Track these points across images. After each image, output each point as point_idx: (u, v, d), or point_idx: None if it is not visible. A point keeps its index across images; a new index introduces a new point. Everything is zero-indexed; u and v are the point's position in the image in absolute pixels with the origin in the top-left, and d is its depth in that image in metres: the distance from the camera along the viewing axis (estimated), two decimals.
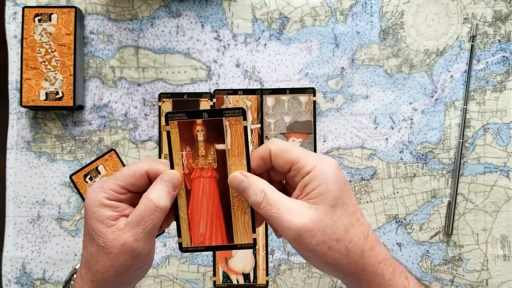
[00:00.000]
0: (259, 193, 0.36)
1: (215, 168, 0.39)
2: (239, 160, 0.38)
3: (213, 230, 0.40)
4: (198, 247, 0.39)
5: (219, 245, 0.39)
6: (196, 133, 0.38)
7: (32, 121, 0.62)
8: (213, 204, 0.39)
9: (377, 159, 0.61)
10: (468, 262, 0.60)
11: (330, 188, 0.35)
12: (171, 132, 0.38)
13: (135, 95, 0.62)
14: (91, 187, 0.38)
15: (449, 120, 0.61)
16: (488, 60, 0.61)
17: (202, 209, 0.39)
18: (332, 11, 0.62)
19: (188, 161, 0.39)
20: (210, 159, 0.39)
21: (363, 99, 0.62)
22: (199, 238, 0.39)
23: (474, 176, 0.61)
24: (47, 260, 0.61)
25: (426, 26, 0.62)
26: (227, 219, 0.39)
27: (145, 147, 0.62)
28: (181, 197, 0.39)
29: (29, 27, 0.59)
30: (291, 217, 0.35)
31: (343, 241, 0.35)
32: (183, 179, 0.38)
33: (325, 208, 0.35)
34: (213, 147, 0.38)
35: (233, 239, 0.39)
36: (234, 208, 0.39)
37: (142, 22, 0.62)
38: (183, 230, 0.39)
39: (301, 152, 0.37)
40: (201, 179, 0.39)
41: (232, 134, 0.38)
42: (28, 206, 0.61)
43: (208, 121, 0.38)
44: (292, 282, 0.61)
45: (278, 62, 0.62)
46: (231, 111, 0.38)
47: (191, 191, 0.39)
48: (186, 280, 0.61)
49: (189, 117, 0.38)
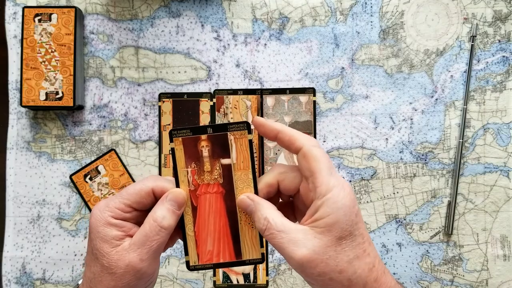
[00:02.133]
0: (263, 220, 0.36)
1: (221, 183, 0.38)
2: (245, 174, 0.38)
3: (220, 246, 0.39)
4: (206, 265, 0.38)
5: (227, 262, 0.39)
6: (201, 149, 0.38)
7: (32, 121, 0.62)
8: (220, 220, 0.39)
9: (377, 159, 0.61)
10: (468, 262, 0.60)
11: (339, 220, 0.34)
12: (176, 149, 0.38)
13: (135, 95, 0.62)
14: (96, 206, 0.37)
15: (449, 120, 0.61)
16: (488, 60, 0.61)
17: (209, 226, 0.38)
18: (332, 11, 0.62)
19: (193, 178, 0.38)
20: (216, 174, 0.38)
21: (363, 99, 0.62)
22: (207, 255, 0.39)
23: (474, 176, 0.61)
24: (47, 260, 0.61)
25: (426, 26, 0.62)
26: (235, 234, 0.39)
27: (145, 147, 0.62)
28: (187, 214, 0.38)
29: (29, 27, 0.59)
30: (294, 248, 0.34)
31: (345, 273, 0.35)
32: (188, 196, 0.38)
33: (331, 239, 0.34)
34: (219, 162, 0.38)
35: (241, 255, 0.39)
36: (241, 223, 0.38)
37: (142, 22, 0.62)
38: (190, 248, 0.38)
39: (325, 165, 0.36)
40: (207, 195, 0.38)
41: (238, 148, 0.38)
42: (28, 206, 0.61)
43: (212, 136, 0.38)
44: (292, 282, 0.61)
45: (278, 62, 0.62)
46: (235, 125, 0.37)
47: (197, 208, 0.38)
48: (186, 280, 0.61)
49: (193, 133, 0.38)
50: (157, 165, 0.62)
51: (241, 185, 0.38)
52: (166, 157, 0.62)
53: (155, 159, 0.62)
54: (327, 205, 0.34)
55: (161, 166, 0.62)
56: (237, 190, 0.38)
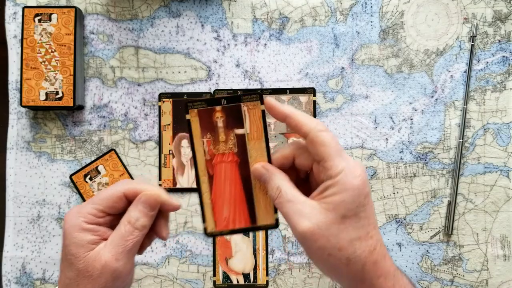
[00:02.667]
0: (275, 190, 0.37)
1: (235, 153, 0.40)
2: (259, 144, 0.39)
3: (236, 213, 0.40)
4: (223, 231, 0.40)
5: (242, 228, 0.40)
6: (215, 120, 0.39)
7: (32, 121, 0.62)
8: (235, 187, 0.40)
9: (377, 159, 0.61)
10: (468, 262, 0.60)
11: (346, 200, 0.35)
12: (192, 121, 0.39)
13: (135, 95, 0.62)
14: (69, 212, 0.38)
15: (449, 120, 0.61)
16: (488, 60, 0.61)
17: (225, 194, 0.40)
18: (332, 11, 0.62)
19: (209, 148, 0.40)
20: (231, 144, 0.40)
21: (363, 99, 0.62)
22: (223, 222, 0.40)
23: (474, 176, 0.61)
24: (47, 260, 0.61)
25: (426, 26, 0.62)
26: (249, 201, 0.40)
27: (145, 147, 0.62)
28: (204, 182, 0.40)
29: (29, 27, 0.59)
30: (299, 219, 0.36)
31: (345, 251, 0.36)
32: (205, 165, 0.39)
33: (336, 217, 0.35)
34: (233, 132, 0.39)
35: (256, 220, 0.40)
36: (255, 190, 0.40)
37: (142, 22, 0.62)
38: (207, 215, 0.40)
39: (333, 149, 0.36)
40: (222, 164, 0.40)
41: (251, 119, 0.39)
42: (28, 206, 0.61)
43: (226, 107, 0.39)
44: (292, 282, 0.61)
45: (278, 62, 0.62)
46: (248, 96, 0.39)
47: (213, 177, 0.40)
48: (186, 280, 0.61)
49: (208, 105, 0.39)
50: (157, 165, 0.62)
51: (254, 154, 0.39)
52: (166, 157, 0.62)
53: (155, 159, 0.62)
54: (336, 186, 0.36)
55: (161, 166, 0.62)
56: (251, 159, 0.39)
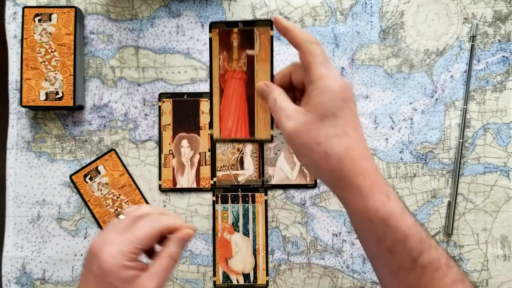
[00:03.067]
0: (272, 100, 0.42)
1: (245, 71, 0.45)
2: (265, 65, 0.45)
3: (238, 125, 0.46)
4: (226, 139, 0.46)
5: (242, 138, 0.46)
6: (232, 40, 0.46)
7: (32, 121, 0.62)
8: (241, 102, 0.46)
9: (377, 159, 0.61)
10: (468, 262, 0.60)
11: (324, 100, 0.40)
12: (213, 39, 0.45)
13: (135, 95, 0.62)
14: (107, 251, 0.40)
15: (449, 120, 0.61)
16: (488, 60, 0.61)
17: (231, 106, 0.46)
18: (332, 11, 0.62)
19: (224, 64, 0.46)
20: (241, 63, 0.46)
21: (363, 99, 0.62)
22: (227, 130, 0.46)
23: (474, 176, 0.61)
24: (47, 260, 0.61)
25: (426, 26, 0.62)
26: (251, 116, 0.46)
27: (145, 147, 0.62)
28: (215, 94, 0.46)
29: (29, 27, 0.59)
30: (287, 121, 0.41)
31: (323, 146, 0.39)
32: (218, 79, 0.45)
33: (315, 116, 0.40)
34: (245, 53, 0.45)
35: (254, 134, 0.46)
36: (257, 107, 0.45)
37: (142, 22, 0.62)
38: (215, 123, 0.46)
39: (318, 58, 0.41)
40: (232, 79, 0.46)
41: (261, 42, 0.45)
42: (28, 206, 0.61)
43: (242, 30, 0.45)
44: (292, 282, 0.61)
45: (278, 62, 0.62)
46: (261, 22, 0.44)
47: (224, 90, 0.46)
48: (186, 280, 0.61)
49: (227, 26, 0.45)
50: (157, 165, 0.62)
51: (260, 74, 0.45)
52: (166, 157, 0.62)
53: (155, 159, 0.62)
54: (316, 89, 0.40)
55: (161, 166, 0.62)
56: (257, 78, 0.45)
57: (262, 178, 0.61)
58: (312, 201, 0.61)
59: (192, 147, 0.62)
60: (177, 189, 0.62)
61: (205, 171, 0.62)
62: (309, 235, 0.61)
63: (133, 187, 0.61)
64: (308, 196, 0.61)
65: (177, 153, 0.62)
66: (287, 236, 0.61)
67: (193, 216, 0.62)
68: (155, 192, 0.62)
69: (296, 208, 0.61)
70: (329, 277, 0.61)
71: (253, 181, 0.61)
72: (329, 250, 0.61)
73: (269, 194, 0.62)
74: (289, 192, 0.61)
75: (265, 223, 0.61)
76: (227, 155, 0.62)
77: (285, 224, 0.61)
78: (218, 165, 0.62)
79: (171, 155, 0.62)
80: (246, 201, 0.61)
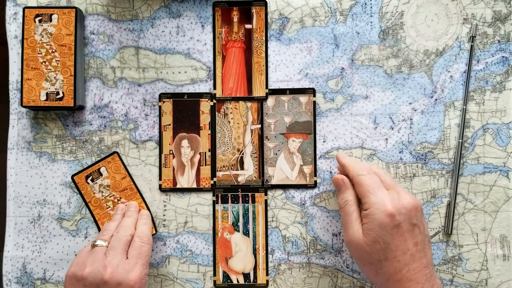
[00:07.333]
0: (344, 201, 0.52)
1: (243, 41, 0.58)
2: (260, 36, 0.59)
3: (238, 85, 0.58)
4: (227, 97, 0.58)
5: (242, 96, 0.58)
6: (232, 16, 0.59)
7: (33, 121, 0.62)
8: (240, 67, 0.57)
9: (376, 159, 0.61)
10: (468, 262, 0.60)
11: (375, 228, 0.48)
12: (216, 16, 0.59)
13: (135, 95, 0.62)
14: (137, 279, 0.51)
15: (448, 120, 0.61)
16: (488, 60, 0.61)
17: (232, 70, 0.58)
18: (332, 12, 0.62)
19: (225, 35, 0.59)
20: (241, 34, 0.58)
21: (363, 100, 0.62)
22: (228, 90, 0.59)
23: (474, 176, 0.61)
24: (47, 260, 0.61)
25: (425, 27, 0.62)
26: (249, 78, 0.57)
27: (146, 147, 0.62)
28: (218, 60, 0.58)
29: (30, 27, 0.59)
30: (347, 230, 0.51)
31: (374, 266, 0.48)
32: (221, 48, 0.59)
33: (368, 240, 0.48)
34: (243, 26, 0.58)
35: (251, 92, 0.58)
36: (254, 70, 0.58)
37: (143, 22, 0.62)
38: (217, 84, 0.58)
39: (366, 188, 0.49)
40: (233, 48, 0.59)
41: (256, 17, 0.58)
42: (28, 206, 0.62)
43: (241, 8, 0.59)
44: (292, 282, 0.61)
45: (278, 63, 0.62)
46: (257, 1, 0.58)
47: (225, 57, 0.59)
48: (186, 280, 0.61)
49: (229, 5, 0.59)
50: (157, 165, 0.62)
51: (256, 44, 0.59)
52: (166, 157, 0.62)
53: (155, 159, 0.62)
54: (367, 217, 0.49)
55: (161, 166, 0.62)
56: (253, 48, 0.59)
57: (262, 178, 0.62)
58: (312, 201, 0.61)
59: (192, 147, 0.62)
60: (177, 189, 0.62)
61: (205, 171, 0.62)
62: (309, 235, 0.61)
63: (134, 191, 0.61)
64: (308, 196, 0.61)
65: (177, 153, 0.62)
66: (287, 236, 0.61)
67: (193, 216, 0.62)
68: (155, 192, 0.62)
69: (296, 208, 0.61)
70: (329, 276, 0.61)
71: (253, 181, 0.62)
72: (329, 250, 0.61)
73: (269, 194, 0.62)
74: (289, 192, 0.62)
75: (265, 223, 0.61)
76: (227, 155, 0.62)
77: (285, 224, 0.61)
78: (218, 165, 0.62)
79: (171, 155, 0.62)
80: (246, 201, 0.62)
